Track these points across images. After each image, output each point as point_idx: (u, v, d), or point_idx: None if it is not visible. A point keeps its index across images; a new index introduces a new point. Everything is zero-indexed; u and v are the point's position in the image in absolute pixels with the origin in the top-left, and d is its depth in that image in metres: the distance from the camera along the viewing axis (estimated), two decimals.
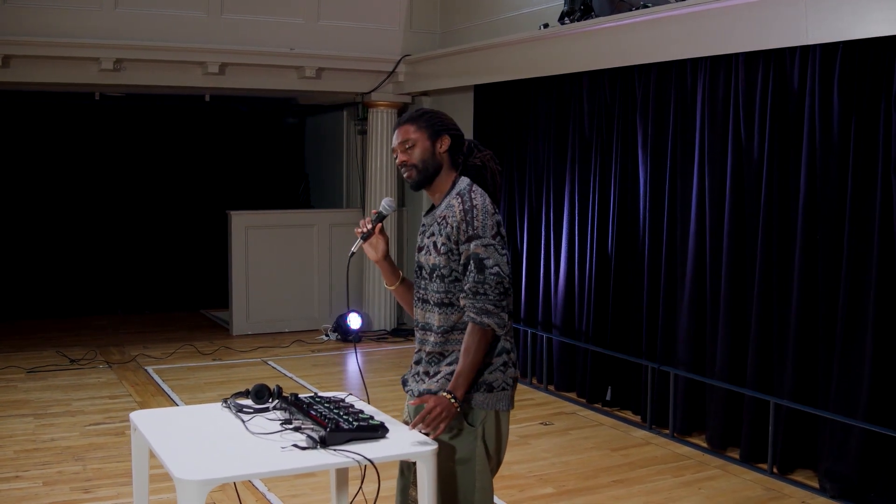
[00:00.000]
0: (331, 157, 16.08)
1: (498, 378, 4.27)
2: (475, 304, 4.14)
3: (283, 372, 11.00)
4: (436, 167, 4.37)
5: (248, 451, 4.02)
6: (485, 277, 4.14)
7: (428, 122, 4.38)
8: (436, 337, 4.33)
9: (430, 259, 4.33)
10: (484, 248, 4.15)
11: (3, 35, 10.78)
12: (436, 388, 4.28)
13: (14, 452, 7.98)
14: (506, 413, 4.36)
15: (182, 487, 3.69)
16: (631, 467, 7.85)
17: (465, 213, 4.20)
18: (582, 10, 9.45)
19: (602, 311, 9.70)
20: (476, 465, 4.26)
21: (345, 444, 4.00)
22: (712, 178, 8.30)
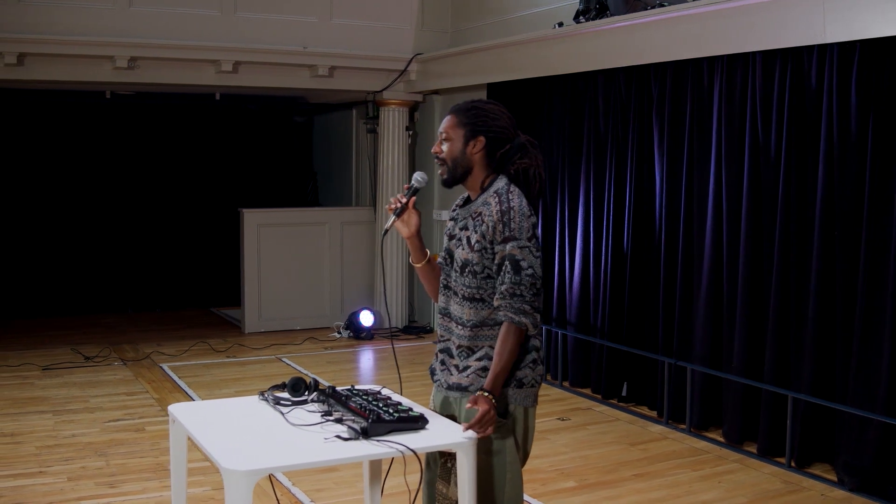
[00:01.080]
0: (339, 155, 16.14)
1: (528, 374, 4.34)
2: (512, 305, 4.20)
3: (297, 369, 11.07)
4: (465, 167, 4.40)
5: (292, 442, 4.08)
6: (521, 279, 4.19)
7: (469, 120, 4.37)
8: (464, 330, 4.37)
9: (462, 253, 4.36)
10: (520, 250, 4.20)
11: (17, 33, 10.83)
12: (466, 383, 4.35)
13: (36, 448, 8.04)
14: (533, 409, 4.42)
15: (230, 478, 3.74)
16: (650, 461, 7.92)
17: (503, 215, 4.23)
18: (597, 9, 9.51)
19: (618, 308, 9.75)
20: (507, 457, 4.32)
21: (386, 435, 4.05)
22: (729, 175, 8.35)
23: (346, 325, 13.22)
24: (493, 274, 4.28)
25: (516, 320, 4.19)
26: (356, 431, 4.07)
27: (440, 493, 4.52)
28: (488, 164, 4.40)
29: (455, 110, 4.44)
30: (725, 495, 7.15)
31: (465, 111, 4.41)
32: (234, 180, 15.95)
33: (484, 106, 4.44)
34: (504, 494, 4.32)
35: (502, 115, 4.43)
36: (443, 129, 4.43)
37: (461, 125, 4.37)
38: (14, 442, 8.21)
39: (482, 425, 4.11)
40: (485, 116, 4.38)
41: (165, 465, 7.59)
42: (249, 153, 16.15)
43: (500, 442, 4.29)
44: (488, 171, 4.41)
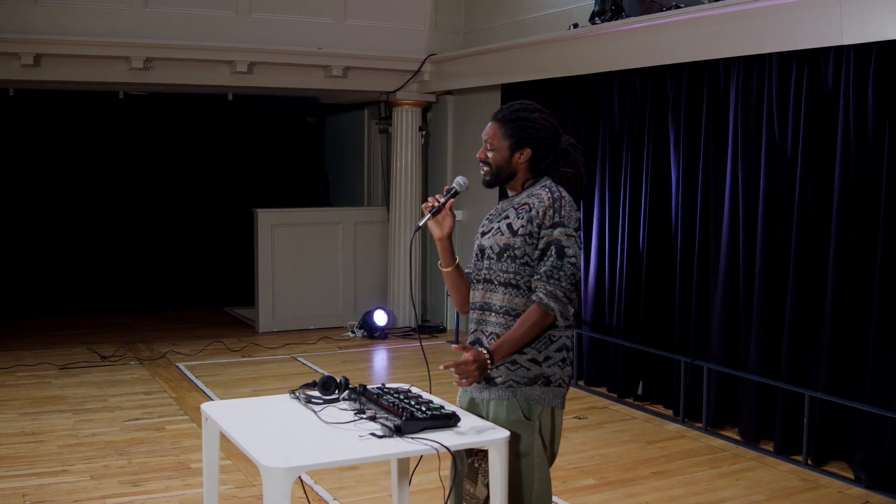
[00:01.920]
0: (351, 155, 16.21)
1: (556, 373, 4.37)
2: (546, 287, 4.23)
3: (313, 368, 11.14)
4: (510, 174, 4.45)
5: (327, 439, 4.14)
6: (562, 264, 4.22)
7: (515, 130, 4.41)
8: (497, 317, 4.40)
9: (501, 239, 4.38)
10: (566, 238, 4.24)
11: (34, 34, 10.90)
12: (494, 375, 4.37)
13: (57, 447, 8.09)
14: (560, 410, 4.46)
15: (269, 475, 3.80)
16: (668, 459, 7.98)
17: (554, 202, 4.27)
18: (613, 11, 9.57)
19: (633, 307, 9.81)
20: (534, 458, 4.36)
21: (420, 433, 4.11)
22: (746, 175, 8.41)
23: (359, 325, 13.29)
24: (532, 262, 4.30)
25: (545, 302, 4.22)
26: (390, 429, 4.12)
27: (467, 493, 4.57)
28: (531, 170, 4.46)
29: (500, 119, 4.47)
30: (744, 493, 7.21)
31: (511, 122, 4.43)
32: (246, 180, 16.01)
33: (529, 115, 4.45)
34: (532, 495, 4.37)
35: (547, 124, 4.46)
36: (487, 138, 4.47)
37: (507, 136, 4.42)
38: (35, 441, 8.26)
39: (459, 372, 4.17)
40: (531, 128, 4.42)
41: (187, 464, 7.67)
42: (261, 153, 16.21)
43: (528, 443, 4.34)
44: (531, 175, 4.47)
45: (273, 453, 3.93)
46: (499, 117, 4.49)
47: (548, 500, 4.41)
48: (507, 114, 4.48)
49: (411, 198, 13.57)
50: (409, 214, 13.57)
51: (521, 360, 4.31)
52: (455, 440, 4.12)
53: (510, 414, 4.31)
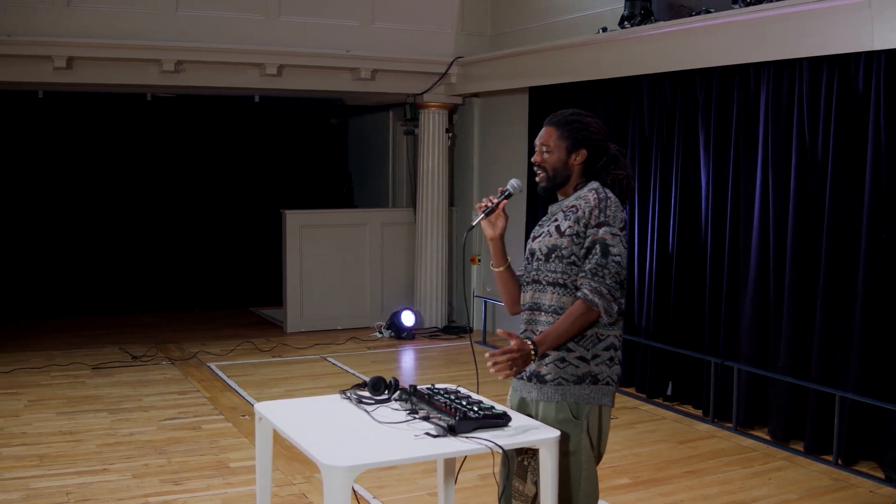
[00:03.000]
0: (375, 157, 16.32)
1: (603, 371, 4.46)
2: (591, 283, 4.31)
3: (343, 368, 11.25)
4: (565, 176, 4.55)
5: (383, 439, 4.23)
6: (607, 262, 4.31)
7: (571, 132, 4.52)
8: (546, 317, 4.49)
9: (549, 241, 4.48)
10: (612, 237, 4.33)
11: (66, 37, 11.05)
12: (544, 371, 4.46)
13: (97, 446, 8.20)
14: (608, 408, 4.56)
15: (329, 474, 3.90)
16: (700, 459, 8.07)
17: (600, 202, 4.38)
18: (642, 15, 9.66)
19: (663, 308, 9.89)
20: (582, 456, 4.45)
21: (473, 432, 4.20)
22: (776, 178, 8.49)
23: (387, 325, 13.40)
24: (580, 261, 4.39)
25: (589, 298, 4.30)
26: (444, 429, 4.22)
27: (516, 490, 4.66)
28: (584, 174, 4.56)
29: (555, 123, 4.57)
30: (776, 492, 7.30)
31: (567, 124, 4.54)
32: (271, 181, 16.14)
33: (583, 119, 4.57)
34: (580, 492, 4.46)
35: (599, 127, 4.59)
36: (543, 141, 4.57)
37: (563, 138, 4.52)
38: (74, 440, 8.37)
39: (505, 361, 4.24)
40: (585, 130, 4.53)
41: (226, 463, 7.78)
42: (286, 154, 16.34)
43: (576, 442, 4.43)
44: (582, 179, 4.56)
45: (333, 452, 4.02)
46: (554, 121, 4.60)
47: (594, 498, 4.51)
48: (562, 118, 4.59)
49: (438, 199, 13.67)
50: (435, 216, 13.67)
51: (569, 357, 4.40)
52: (507, 439, 4.20)
53: (559, 413, 4.41)
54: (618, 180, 4.60)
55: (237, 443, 8.36)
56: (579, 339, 4.41)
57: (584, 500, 4.46)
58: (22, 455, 7.91)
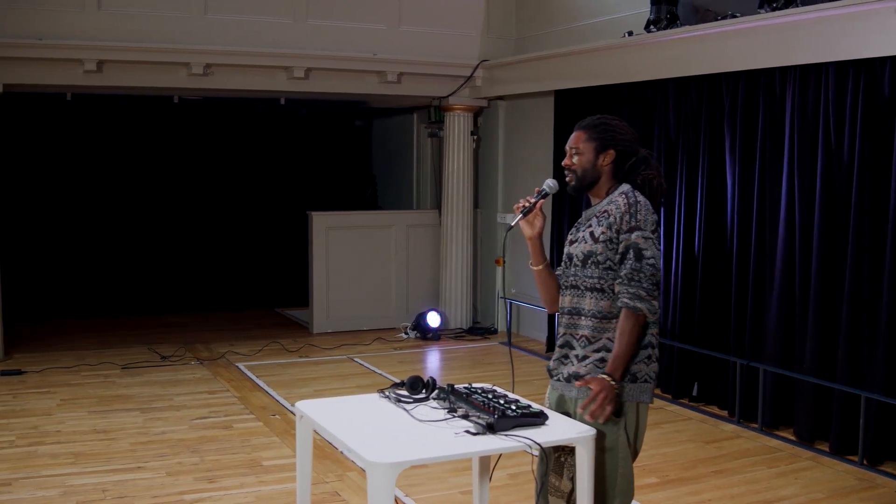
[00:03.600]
0: (399, 159, 16.42)
1: (642, 369, 4.56)
2: (629, 290, 4.42)
3: (371, 368, 11.35)
4: (594, 177, 4.65)
5: (423, 436, 4.35)
6: (641, 266, 4.42)
7: (599, 134, 4.63)
8: (586, 321, 4.59)
9: (585, 247, 4.59)
10: (644, 240, 4.44)
11: (97, 40, 11.19)
12: (583, 372, 4.56)
13: (130, 445, 8.31)
14: (646, 406, 4.65)
15: (373, 470, 4.01)
16: (726, 459, 8.14)
17: (630, 207, 4.48)
18: (668, 19, 9.75)
19: (688, 310, 9.96)
20: (619, 453, 4.55)
21: (511, 430, 4.30)
22: (802, 181, 8.56)
23: (412, 326, 13.50)
24: (615, 266, 4.50)
25: (631, 305, 4.41)
26: (483, 426, 4.32)
27: (552, 486, 4.76)
28: (615, 176, 4.66)
29: (584, 126, 4.69)
30: (803, 491, 7.37)
31: (595, 127, 4.66)
32: (295, 183, 16.27)
33: (611, 122, 4.69)
34: (616, 489, 4.56)
35: (628, 130, 4.70)
36: (572, 144, 4.68)
37: (591, 139, 4.63)
38: (108, 438, 8.49)
39: (599, 405, 4.33)
40: (613, 131, 4.65)
41: (259, 462, 7.89)
42: (311, 156, 16.46)
43: (613, 438, 4.53)
44: (613, 182, 4.66)
45: (376, 449, 4.13)
46: (583, 125, 4.71)
47: (630, 495, 4.61)
48: (590, 121, 4.71)
49: (463, 201, 13.77)
50: (460, 217, 13.77)
51: (608, 356, 4.50)
52: (545, 437, 4.31)
53: None
54: (647, 180, 4.70)
55: (269, 442, 8.47)
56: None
57: (620, 496, 4.56)
58: (57, 453, 8.04)
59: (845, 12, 7.84)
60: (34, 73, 11.28)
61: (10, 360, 11.54)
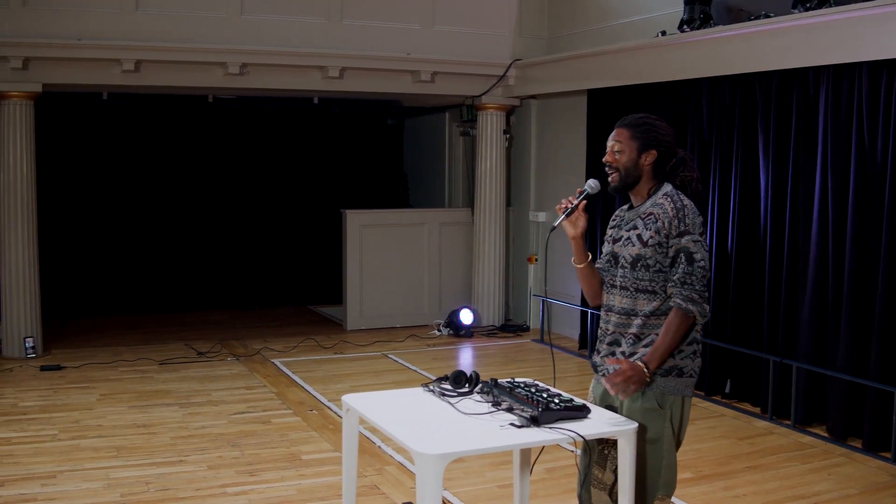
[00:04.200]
0: (431, 157, 16.53)
1: (688, 364, 4.68)
2: (682, 293, 4.53)
3: (405, 365, 11.46)
4: (636, 176, 4.74)
5: (469, 429, 4.45)
6: (693, 269, 4.53)
7: (642, 133, 4.72)
8: (638, 320, 4.69)
9: (632, 250, 4.67)
10: (694, 244, 4.54)
11: (134, 40, 11.35)
12: None
13: (171, 439, 8.45)
14: (689, 399, 4.76)
15: (422, 461, 4.13)
16: (760, 455, 8.22)
17: (678, 212, 4.57)
18: (701, 19, 9.82)
19: (722, 308, 10.02)
20: (664, 445, 4.66)
21: (555, 423, 4.40)
22: (835, 180, 8.62)
23: (445, 323, 13.61)
24: (664, 267, 4.60)
25: (684, 307, 4.52)
26: (527, 419, 4.42)
27: (595, 478, 4.87)
28: (655, 175, 4.75)
29: (627, 125, 4.78)
30: (836, 487, 7.44)
31: (637, 126, 4.75)
32: (328, 181, 16.37)
33: (654, 122, 4.78)
34: (660, 479, 4.67)
35: (668, 131, 4.79)
36: (615, 140, 4.77)
37: (634, 138, 4.72)
38: (148, 433, 8.63)
39: (623, 380, 4.46)
40: (656, 132, 4.74)
41: (298, 455, 8.00)
42: (343, 155, 16.54)
43: (658, 431, 4.64)
44: (654, 182, 4.75)
45: (424, 441, 4.24)
46: (625, 123, 4.80)
47: (672, 486, 4.71)
48: (633, 120, 4.80)
49: (496, 199, 13.86)
50: (493, 216, 13.86)
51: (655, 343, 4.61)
52: (588, 430, 4.41)
53: (644, 403, 4.62)
54: (687, 182, 4.80)
55: (307, 436, 8.59)
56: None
57: (664, 488, 4.67)
58: (99, 447, 8.18)
59: (878, 12, 7.90)
60: (73, 73, 11.45)
61: (49, 355, 11.71)
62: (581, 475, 4.93)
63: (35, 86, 11.34)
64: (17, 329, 11.61)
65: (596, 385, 4.94)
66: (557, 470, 7.46)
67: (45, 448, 8.11)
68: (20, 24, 10.97)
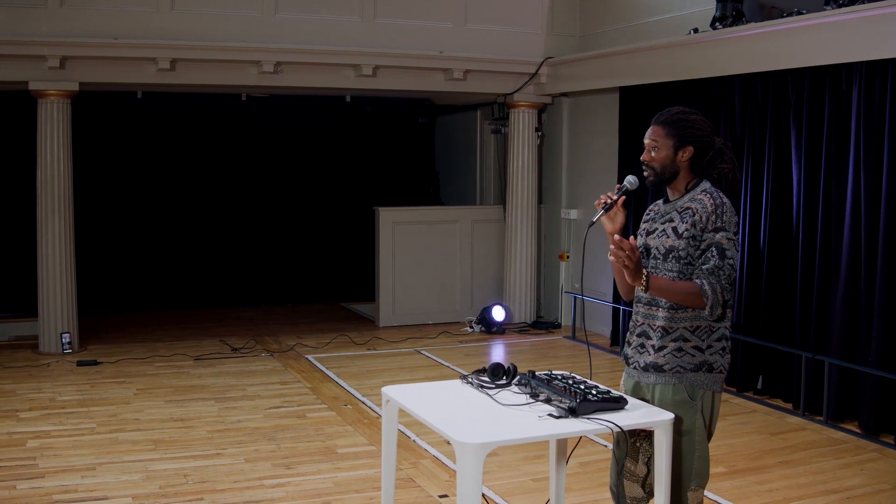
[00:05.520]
0: (462, 155, 16.60)
1: (717, 360, 4.72)
2: (709, 279, 4.54)
3: (438, 361, 11.54)
4: (673, 172, 4.78)
5: (508, 419, 4.51)
6: (723, 264, 4.56)
7: (678, 130, 4.75)
8: (664, 312, 4.72)
9: (666, 241, 4.72)
10: (727, 241, 4.58)
11: (170, 39, 11.49)
12: (662, 362, 4.72)
13: (207, 433, 8.55)
14: (719, 394, 4.80)
15: (462, 450, 4.19)
16: (792, 450, 8.25)
17: (716, 208, 4.61)
18: (734, 16, 9.86)
19: (754, 304, 10.06)
20: (696, 436, 4.71)
21: (592, 414, 4.46)
22: (868, 176, 8.64)
23: (477, 320, 13.67)
24: (694, 260, 4.64)
25: (705, 288, 4.53)
26: (565, 410, 4.48)
27: (628, 470, 4.93)
28: (692, 170, 4.79)
29: (662, 122, 4.81)
30: (869, 481, 7.47)
31: (673, 123, 4.78)
32: (360, 179, 16.48)
33: (688, 117, 4.81)
34: (693, 470, 4.72)
35: (704, 124, 4.82)
36: (652, 139, 4.80)
37: (670, 135, 4.75)
38: (185, 426, 8.74)
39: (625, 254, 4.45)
40: (691, 128, 4.77)
41: (334, 449, 8.09)
42: (376, 153, 16.63)
43: (690, 422, 4.69)
44: (692, 176, 4.79)
45: (464, 430, 4.30)
46: (661, 120, 4.82)
47: (705, 477, 4.76)
48: (668, 117, 4.82)
49: (527, 197, 13.91)
50: (525, 213, 13.91)
51: (686, 346, 4.66)
52: (625, 421, 4.46)
53: (676, 395, 4.67)
54: (723, 174, 4.83)
55: (342, 430, 8.67)
56: (694, 329, 4.67)
57: (696, 479, 4.72)
58: (137, 440, 8.29)
59: None
60: (109, 71, 11.59)
61: (86, 351, 11.85)
62: (617, 465, 4.99)
63: (72, 84, 11.47)
64: (55, 325, 11.75)
65: (627, 378, 4.98)
66: (591, 464, 7.53)
67: (84, 441, 8.23)
68: (57, 23, 11.10)
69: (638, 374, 4.86)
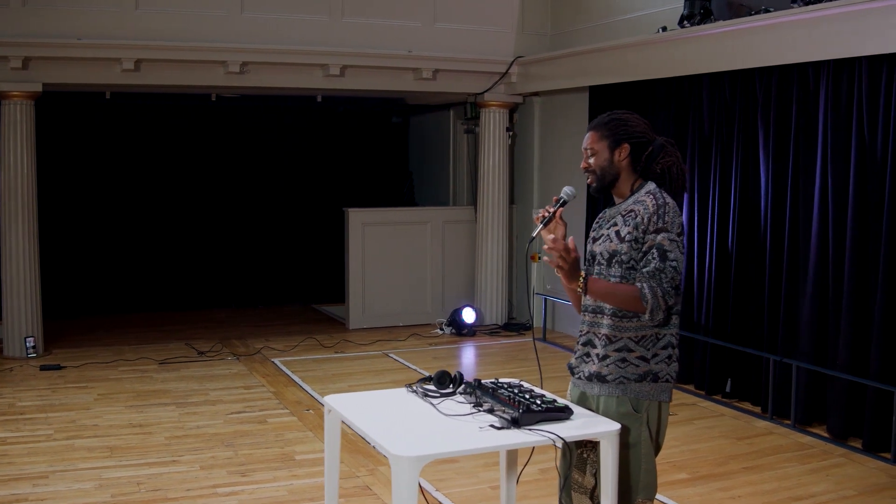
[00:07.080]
0: (436, 155, 16.48)
1: (663, 369, 4.59)
2: (649, 283, 4.40)
3: (405, 364, 11.40)
4: (613, 175, 4.65)
5: (448, 430, 4.38)
6: (664, 267, 4.41)
7: (610, 131, 4.64)
8: (608, 319, 4.59)
9: (609, 246, 4.59)
10: (669, 242, 4.43)
11: (134, 39, 11.32)
12: (605, 373, 4.58)
13: (165, 439, 8.42)
14: (666, 403, 4.68)
15: (397, 463, 4.04)
16: (758, 455, 8.14)
17: (658, 208, 4.47)
18: (702, 14, 9.76)
19: (722, 306, 9.96)
20: (642, 449, 4.58)
21: (536, 425, 4.33)
22: (835, 176, 8.54)
23: (448, 322, 13.55)
24: (637, 264, 4.50)
25: (644, 292, 4.39)
26: (508, 421, 4.36)
27: (575, 482, 4.78)
28: (634, 169, 4.66)
29: (595, 126, 4.72)
30: (834, 488, 7.36)
31: (605, 124, 4.68)
32: (332, 180, 16.35)
33: (621, 116, 4.71)
34: (640, 483, 4.59)
35: (639, 122, 4.70)
36: (587, 146, 4.70)
37: (604, 137, 4.65)
38: (144, 432, 8.60)
39: (558, 252, 4.44)
40: (624, 125, 4.65)
41: (292, 456, 7.96)
42: (348, 153, 16.53)
43: (636, 435, 4.56)
44: (635, 177, 4.67)
45: (400, 443, 4.17)
46: (593, 125, 4.74)
47: (653, 490, 4.63)
48: (599, 121, 4.74)
49: (499, 197, 13.80)
50: (496, 213, 13.80)
51: (630, 357, 4.53)
52: (570, 432, 4.33)
53: (620, 407, 4.53)
54: (667, 168, 4.69)
55: (302, 436, 8.55)
56: (640, 339, 4.54)
57: (644, 491, 4.59)
58: (94, 446, 8.15)
59: (878, 6, 7.83)
60: (73, 72, 11.43)
61: (50, 355, 11.70)
62: (561, 479, 4.87)
63: (35, 85, 11.32)
64: (18, 329, 11.60)
65: (573, 388, 4.84)
66: (551, 471, 7.34)
67: (39, 448, 8.09)
68: (20, 23, 10.96)
69: (583, 385, 4.73)
